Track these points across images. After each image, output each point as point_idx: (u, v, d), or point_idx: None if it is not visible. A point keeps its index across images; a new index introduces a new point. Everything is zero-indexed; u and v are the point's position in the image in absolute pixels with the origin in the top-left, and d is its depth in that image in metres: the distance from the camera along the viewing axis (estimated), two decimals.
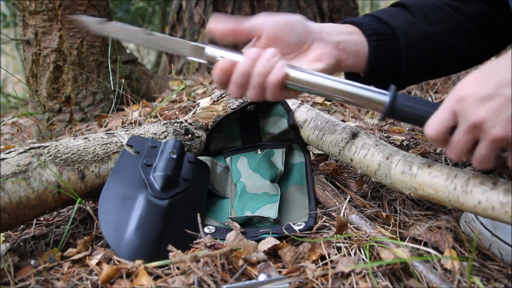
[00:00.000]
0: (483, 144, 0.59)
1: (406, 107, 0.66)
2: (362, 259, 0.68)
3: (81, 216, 0.92)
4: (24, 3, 1.75)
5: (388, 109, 0.67)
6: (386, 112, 0.67)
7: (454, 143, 0.61)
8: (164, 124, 0.97)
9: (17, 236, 0.88)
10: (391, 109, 0.66)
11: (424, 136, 1.28)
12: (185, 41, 0.74)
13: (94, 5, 1.85)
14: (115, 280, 0.64)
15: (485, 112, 0.56)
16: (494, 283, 0.66)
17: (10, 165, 0.73)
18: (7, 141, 1.94)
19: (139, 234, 0.71)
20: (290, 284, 0.61)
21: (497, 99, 0.56)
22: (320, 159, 1.12)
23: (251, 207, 0.84)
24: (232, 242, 0.70)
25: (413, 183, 0.70)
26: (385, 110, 0.67)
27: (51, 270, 0.70)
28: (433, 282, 0.61)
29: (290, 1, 3.17)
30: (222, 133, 1.01)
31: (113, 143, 0.86)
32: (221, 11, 3.14)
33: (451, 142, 0.61)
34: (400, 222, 0.81)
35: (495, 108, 0.56)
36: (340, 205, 0.82)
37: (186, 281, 0.61)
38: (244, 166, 0.95)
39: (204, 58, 0.73)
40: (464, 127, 0.59)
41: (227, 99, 1.02)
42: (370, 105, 0.69)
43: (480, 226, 0.76)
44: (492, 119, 0.56)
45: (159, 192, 0.78)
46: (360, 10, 4.54)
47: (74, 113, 1.84)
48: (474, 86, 0.58)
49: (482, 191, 0.60)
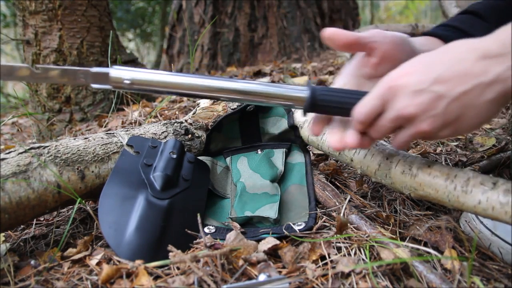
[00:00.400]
0: (407, 132, 0.61)
1: (327, 98, 0.66)
2: (362, 259, 0.68)
3: (81, 216, 0.92)
4: (24, 3, 1.75)
5: (309, 102, 0.66)
6: (307, 105, 0.66)
7: (379, 127, 0.63)
8: (164, 124, 0.97)
9: (17, 236, 0.88)
10: (312, 102, 0.66)
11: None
12: (86, 69, 0.66)
13: (94, 5, 1.85)
14: (115, 280, 0.64)
15: (415, 107, 0.58)
16: (494, 283, 0.66)
17: (10, 165, 0.73)
18: (7, 141, 1.94)
19: (139, 234, 0.71)
20: (290, 284, 0.61)
21: (428, 95, 0.57)
22: (320, 159, 1.12)
23: (251, 207, 0.84)
24: (232, 242, 0.70)
25: (413, 183, 0.70)
26: (306, 104, 0.66)
27: (51, 270, 0.70)
28: (433, 282, 0.62)
29: (290, 1, 3.17)
30: (222, 133, 1.01)
31: (113, 143, 0.86)
32: (221, 11, 3.14)
33: (376, 125, 0.63)
34: (400, 222, 0.82)
35: (426, 104, 0.57)
36: (340, 205, 0.82)
37: (186, 281, 0.61)
38: (244, 166, 0.95)
39: (109, 83, 0.66)
40: (392, 116, 0.60)
41: None
42: (291, 102, 0.68)
43: (480, 225, 0.76)
44: (421, 115, 0.58)
45: (159, 192, 0.78)
46: (360, 10, 4.54)
47: (74, 113, 1.84)
48: (409, 77, 0.59)
49: (482, 191, 0.60)
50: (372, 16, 9.11)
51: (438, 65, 0.57)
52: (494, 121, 1.40)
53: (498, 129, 1.30)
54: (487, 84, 0.54)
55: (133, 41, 6.91)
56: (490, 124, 1.37)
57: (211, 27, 3.10)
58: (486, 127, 1.34)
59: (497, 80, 0.53)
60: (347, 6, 3.55)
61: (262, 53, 3.18)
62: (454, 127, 0.59)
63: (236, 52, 3.16)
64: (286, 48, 3.16)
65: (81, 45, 1.81)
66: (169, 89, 0.67)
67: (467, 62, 0.55)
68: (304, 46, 3.14)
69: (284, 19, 3.16)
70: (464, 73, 0.55)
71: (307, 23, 3.20)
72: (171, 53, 3.43)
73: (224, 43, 3.16)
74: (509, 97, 0.55)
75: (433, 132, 0.59)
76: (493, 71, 0.53)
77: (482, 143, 1.19)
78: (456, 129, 0.59)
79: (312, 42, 3.18)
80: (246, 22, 3.14)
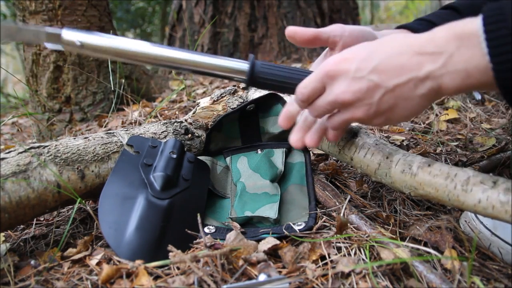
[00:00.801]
0: (342, 116, 0.64)
1: (267, 71, 0.69)
2: (362, 259, 0.68)
3: (81, 216, 0.92)
4: (24, 3, 1.75)
5: (249, 74, 0.69)
6: (248, 78, 0.69)
7: (316, 106, 0.65)
8: (164, 124, 0.97)
9: (17, 236, 0.88)
10: (252, 74, 0.69)
11: (424, 136, 1.28)
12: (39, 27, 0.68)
13: (94, 5, 1.85)
14: (115, 280, 0.63)
15: (352, 94, 0.60)
16: (494, 283, 0.66)
17: (10, 165, 0.73)
18: (7, 141, 1.94)
19: (139, 234, 0.71)
20: (290, 284, 0.61)
21: (365, 83, 0.59)
22: (320, 159, 1.12)
23: (251, 207, 0.84)
24: (232, 242, 0.70)
25: (413, 182, 0.70)
26: (247, 76, 0.69)
27: (51, 270, 0.70)
28: (433, 282, 0.61)
29: (290, 1, 3.17)
30: (222, 133, 1.01)
31: (113, 142, 0.86)
32: (221, 11, 3.14)
33: (314, 104, 0.66)
34: (400, 222, 0.81)
35: (362, 92, 0.59)
36: (340, 205, 0.82)
37: (186, 281, 0.61)
38: (244, 166, 0.95)
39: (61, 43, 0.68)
40: (329, 99, 0.63)
41: (227, 99, 1.02)
42: (231, 74, 0.71)
43: (480, 225, 0.76)
44: (356, 102, 0.60)
45: (159, 192, 0.78)
46: (360, 10, 4.54)
47: (74, 113, 1.84)
48: (350, 63, 0.60)
49: (482, 190, 0.60)
50: (372, 16, 9.11)
51: (378, 55, 0.59)
52: (494, 121, 1.41)
53: (498, 129, 1.30)
54: (420, 79, 0.56)
55: None
56: (490, 124, 1.38)
57: (211, 27, 3.10)
58: (486, 127, 1.34)
59: (429, 76, 0.55)
60: (347, 6, 3.54)
61: (262, 53, 3.18)
62: (386, 116, 0.61)
63: (236, 52, 3.16)
64: (286, 48, 3.16)
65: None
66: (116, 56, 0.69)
67: (405, 56, 0.57)
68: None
69: (284, 19, 3.16)
70: (400, 66, 0.57)
71: (307, 23, 3.20)
72: None
73: (224, 43, 3.16)
74: (439, 94, 0.58)
75: (367, 119, 0.62)
76: (426, 68, 0.55)
77: (482, 143, 1.19)
78: (388, 119, 0.62)
79: None
80: (246, 22, 3.14)
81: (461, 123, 1.42)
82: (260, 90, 1.07)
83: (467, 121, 1.35)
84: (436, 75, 0.55)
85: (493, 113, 1.50)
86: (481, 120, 1.41)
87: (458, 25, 0.54)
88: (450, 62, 0.53)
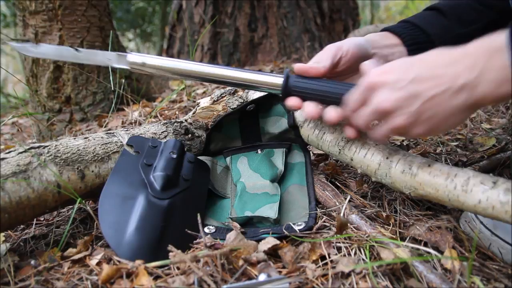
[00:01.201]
0: (384, 126, 0.68)
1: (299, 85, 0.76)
2: (362, 259, 0.68)
3: (81, 216, 0.92)
4: (24, 3, 1.74)
5: (283, 89, 0.77)
6: (282, 90, 0.77)
7: (360, 116, 0.70)
8: (164, 124, 0.97)
9: (17, 236, 0.88)
10: (286, 86, 0.77)
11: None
12: (109, 52, 0.85)
13: (94, 5, 1.85)
14: (115, 280, 0.63)
15: (392, 102, 0.63)
16: (494, 283, 0.66)
17: (10, 165, 0.73)
18: (7, 141, 1.94)
19: (139, 234, 0.71)
20: (290, 284, 0.61)
21: (405, 93, 0.62)
22: (320, 159, 1.12)
23: (251, 207, 0.84)
24: (232, 242, 0.70)
25: (413, 182, 0.70)
26: (282, 89, 0.77)
27: (51, 270, 0.70)
28: (433, 282, 0.61)
29: (290, 1, 3.17)
30: (222, 133, 1.01)
31: (113, 142, 0.86)
32: (221, 11, 3.14)
33: (358, 114, 0.70)
34: (400, 222, 0.81)
35: (402, 100, 0.62)
36: (340, 205, 0.82)
37: (186, 281, 0.61)
38: (244, 166, 0.95)
39: (127, 64, 0.84)
40: (371, 108, 0.67)
41: (227, 99, 1.02)
42: (268, 87, 0.80)
43: (480, 225, 0.76)
44: (396, 111, 0.63)
45: (159, 192, 0.78)
46: (360, 10, 4.54)
47: (74, 113, 1.84)
48: (389, 75, 0.64)
49: (482, 190, 0.60)
50: (372, 16, 9.10)
51: (416, 68, 0.63)
52: (494, 121, 1.40)
53: (498, 129, 1.30)
54: (455, 90, 0.59)
55: (133, 41, 6.90)
56: (490, 124, 1.38)
57: (211, 27, 3.10)
58: (486, 127, 1.34)
59: (464, 87, 0.58)
60: (347, 6, 3.54)
61: (262, 53, 3.18)
62: (425, 126, 0.63)
63: (236, 52, 3.16)
64: (286, 48, 3.16)
65: (81, 45, 1.81)
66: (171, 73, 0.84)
67: (442, 68, 0.60)
68: (304, 46, 3.14)
69: (284, 19, 3.15)
70: (438, 77, 0.60)
71: (307, 23, 3.20)
72: (171, 53, 3.43)
73: (224, 43, 3.16)
74: (476, 105, 0.60)
75: (406, 128, 0.64)
76: (462, 79, 0.58)
77: (482, 143, 1.19)
78: (427, 129, 0.64)
79: (312, 42, 3.17)
80: (246, 22, 3.13)
81: None
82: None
83: (467, 121, 1.34)
84: (471, 86, 0.57)
85: (493, 113, 1.50)
86: (481, 120, 1.41)
87: (489, 38, 0.57)
88: (483, 74, 0.56)
